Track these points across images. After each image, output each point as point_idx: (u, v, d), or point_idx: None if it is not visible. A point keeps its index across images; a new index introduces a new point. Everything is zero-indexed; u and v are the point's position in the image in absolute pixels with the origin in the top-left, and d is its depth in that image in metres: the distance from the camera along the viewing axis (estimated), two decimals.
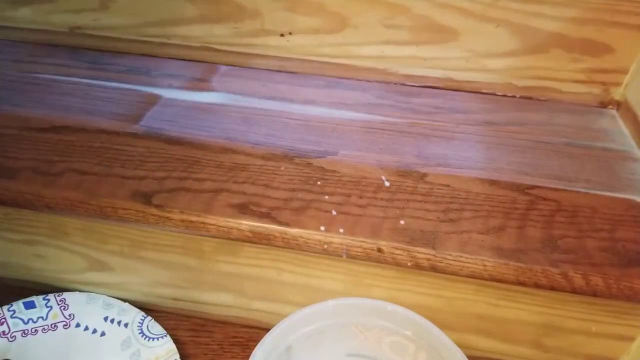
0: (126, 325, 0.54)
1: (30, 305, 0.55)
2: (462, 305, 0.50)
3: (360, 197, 0.49)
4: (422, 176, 0.52)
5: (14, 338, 0.53)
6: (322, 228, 0.46)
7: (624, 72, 0.63)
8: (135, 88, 0.64)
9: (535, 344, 0.52)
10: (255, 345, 0.44)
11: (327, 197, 0.49)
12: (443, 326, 0.51)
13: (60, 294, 0.56)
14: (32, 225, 0.54)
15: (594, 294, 0.44)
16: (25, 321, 0.54)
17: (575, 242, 0.46)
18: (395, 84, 0.68)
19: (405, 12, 0.63)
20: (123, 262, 0.55)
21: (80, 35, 0.71)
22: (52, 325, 0.54)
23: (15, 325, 0.54)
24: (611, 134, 0.61)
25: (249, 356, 0.43)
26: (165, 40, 0.70)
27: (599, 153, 0.57)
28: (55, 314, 0.55)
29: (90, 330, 0.54)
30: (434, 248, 0.45)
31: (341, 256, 0.46)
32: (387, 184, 0.47)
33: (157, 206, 0.47)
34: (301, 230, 0.46)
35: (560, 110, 0.64)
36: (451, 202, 0.49)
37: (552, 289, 0.44)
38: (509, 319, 0.51)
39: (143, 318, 0.55)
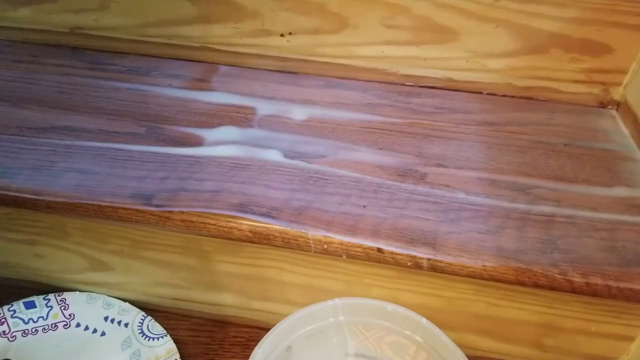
0: (126, 325, 0.54)
1: (30, 305, 0.55)
2: (462, 305, 0.51)
3: (360, 197, 0.49)
4: (422, 176, 0.52)
5: (14, 338, 0.53)
6: (322, 228, 0.46)
7: (624, 72, 0.63)
8: (136, 88, 0.64)
9: (535, 344, 0.52)
10: (255, 345, 0.44)
11: (327, 197, 0.49)
12: (443, 326, 0.51)
13: (61, 293, 0.56)
14: (32, 225, 0.54)
15: (594, 294, 0.44)
16: (26, 321, 0.54)
17: (575, 242, 0.46)
18: (395, 84, 0.68)
19: (405, 12, 0.63)
20: (123, 262, 0.55)
21: (81, 35, 0.71)
22: (53, 325, 0.55)
23: (15, 325, 0.54)
24: (611, 134, 0.61)
25: (249, 356, 0.43)
26: (165, 40, 0.70)
27: (599, 153, 0.57)
28: (56, 314, 0.55)
29: (91, 330, 0.54)
30: (434, 248, 0.45)
31: (341, 256, 0.46)
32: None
33: (157, 206, 0.47)
34: (301, 230, 0.46)
35: (560, 110, 0.64)
36: (451, 202, 0.49)
37: (552, 289, 0.44)
38: (509, 319, 0.51)
39: (143, 318, 0.55)
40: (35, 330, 0.54)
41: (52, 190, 0.49)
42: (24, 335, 0.54)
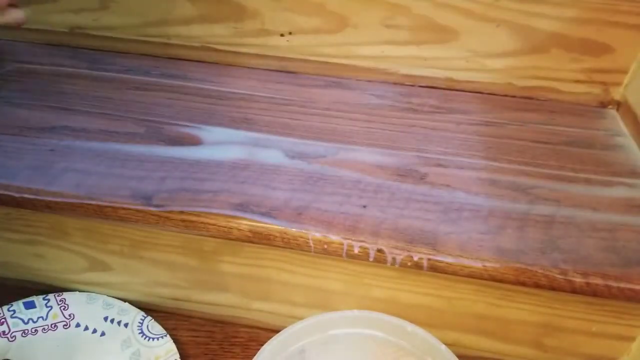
0: (126, 325, 0.54)
1: (30, 305, 0.55)
2: (462, 305, 0.50)
3: (360, 197, 0.49)
4: (422, 176, 0.52)
5: (14, 338, 0.53)
6: (322, 228, 0.46)
7: (624, 72, 0.62)
8: (135, 88, 0.64)
9: (535, 344, 0.52)
10: (255, 345, 0.44)
11: (327, 197, 0.49)
12: (443, 326, 0.52)
13: (60, 294, 0.56)
14: (32, 225, 0.54)
15: (594, 294, 0.44)
16: (25, 321, 0.54)
17: (575, 242, 0.46)
18: (395, 84, 0.68)
19: (405, 12, 0.63)
20: (123, 262, 0.55)
21: (80, 35, 0.71)
22: (52, 325, 0.54)
23: (15, 325, 0.54)
24: (611, 134, 0.61)
25: (249, 356, 0.43)
26: (165, 40, 0.70)
27: (599, 153, 0.57)
28: (55, 314, 0.55)
29: (90, 330, 0.54)
30: (434, 248, 0.45)
31: (341, 256, 0.46)
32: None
33: (157, 206, 0.47)
34: (301, 230, 0.46)
35: (560, 110, 0.64)
36: (451, 202, 0.49)
37: (552, 289, 0.44)
38: (509, 319, 0.51)
39: (143, 318, 0.55)
40: (35, 330, 0.54)
41: (52, 190, 0.49)
42: (23, 335, 0.54)
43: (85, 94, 0.62)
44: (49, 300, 0.56)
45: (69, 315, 0.55)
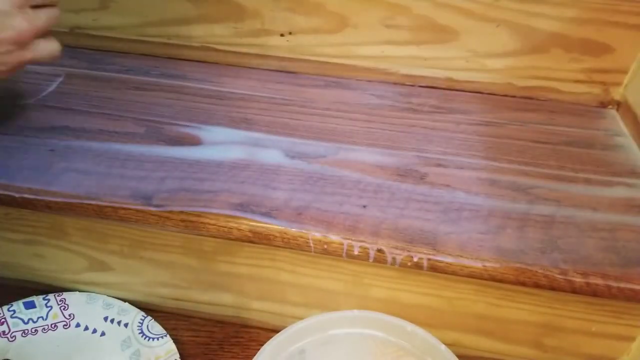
0: (126, 325, 0.54)
1: (30, 305, 0.55)
2: (462, 305, 0.51)
3: (360, 197, 0.49)
4: (422, 176, 0.52)
5: (14, 338, 0.53)
6: (322, 228, 0.46)
7: (624, 72, 0.63)
8: (135, 88, 0.64)
9: (535, 344, 0.52)
10: (255, 345, 0.44)
11: (327, 197, 0.49)
12: (443, 326, 0.52)
13: (60, 294, 0.56)
14: (32, 225, 0.54)
15: (594, 294, 0.44)
16: (25, 321, 0.54)
17: (575, 242, 0.46)
18: (395, 84, 0.68)
19: (405, 12, 0.63)
20: (123, 262, 0.55)
21: (80, 35, 0.71)
22: (52, 325, 0.55)
23: (15, 325, 0.54)
24: (611, 134, 0.61)
25: (249, 356, 0.43)
26: (165, 40, 0.70)
27: (599, 153, 0.57)
28: (55, 314, 0.55)
29: (90, 330, 0.54)
30: (434, 248, 0.45)
31: (341, 256, 0.46)
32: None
33: (157, 206, 0.47)
34: (301, 230, 0.46)
35: (560, 110, 0.64)
36: (451, 202, 0.49)
37: (552, 289, 0.44)
38: (509, 319, 0.51)
39: (143, 318, 0.55)
40: (35, 330, 0.54)
41: (52, 190, 0.49)
42: (23, 335, 0.54)
43: (85, 94, 0.62)
44: (49, 300, 0.56)
45: (69, 315, 0.55)
